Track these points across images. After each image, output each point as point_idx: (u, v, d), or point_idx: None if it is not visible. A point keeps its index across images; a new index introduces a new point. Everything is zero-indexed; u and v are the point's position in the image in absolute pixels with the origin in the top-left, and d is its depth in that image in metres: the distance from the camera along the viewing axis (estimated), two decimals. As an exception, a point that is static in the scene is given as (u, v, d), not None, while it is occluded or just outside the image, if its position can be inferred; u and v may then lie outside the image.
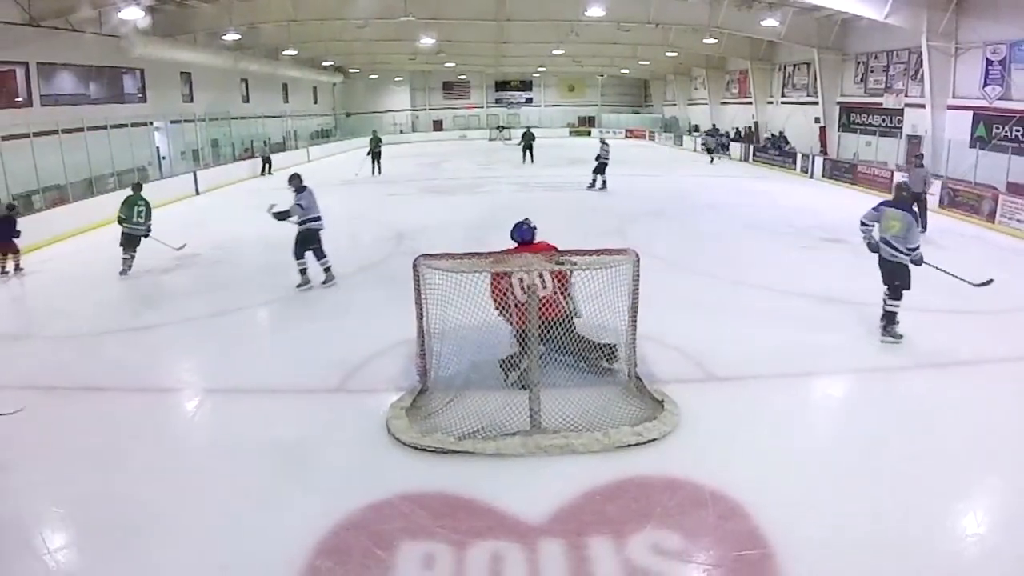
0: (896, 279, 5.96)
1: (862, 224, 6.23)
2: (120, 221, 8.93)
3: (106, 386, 5.45)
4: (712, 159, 23.64)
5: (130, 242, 8.90)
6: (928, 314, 6.95)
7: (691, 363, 5.63)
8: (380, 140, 21.51)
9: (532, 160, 22.76)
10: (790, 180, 19.31)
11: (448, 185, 17.81)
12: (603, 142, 16.88)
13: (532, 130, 25.11)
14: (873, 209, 6.27)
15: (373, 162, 20.81)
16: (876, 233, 6.14)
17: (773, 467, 4.09)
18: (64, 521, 3.73)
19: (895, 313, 6.02)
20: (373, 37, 23.71)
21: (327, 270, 7.99)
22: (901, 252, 5.89)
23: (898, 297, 5.98)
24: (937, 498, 3.80)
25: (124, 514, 3.70)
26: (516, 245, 5.52)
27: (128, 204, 8.93)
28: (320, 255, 7.92)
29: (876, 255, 6.16)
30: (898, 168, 16.21)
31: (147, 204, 9.10)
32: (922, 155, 12.47)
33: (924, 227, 10.60)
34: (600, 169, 16.22)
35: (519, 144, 24.07)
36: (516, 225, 5.61)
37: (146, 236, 9.04)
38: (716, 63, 28.14)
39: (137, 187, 9.42)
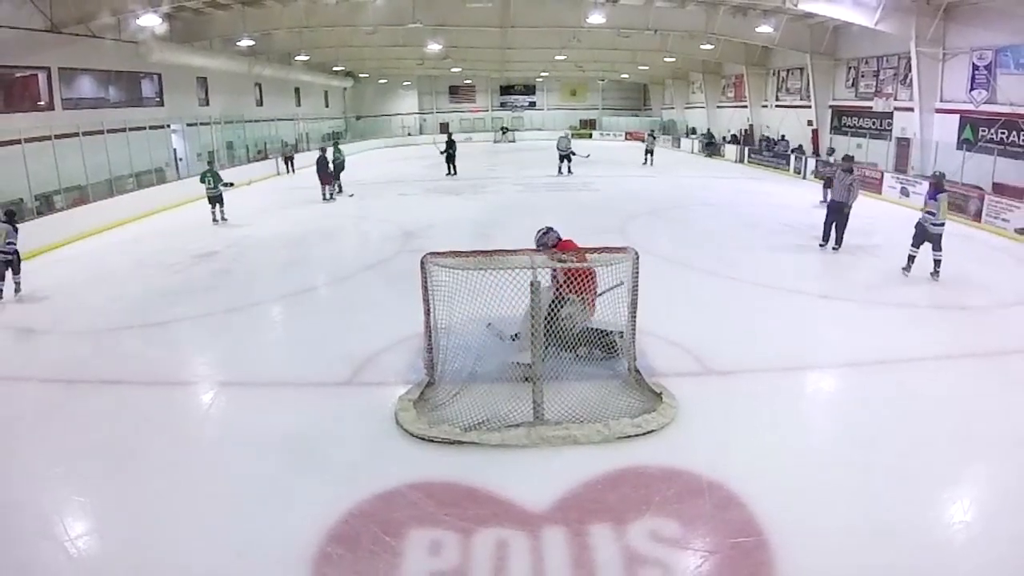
0: (942, 239, 7.99)
1: (930, 213, 7.97)
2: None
3: (124, 379, 5.59)
4: (646, 160, 23.36)
5: (213, 200, 13.02)
6: (918, 310, 7.11)
7: (689, 357, 5.72)
8: (340, 151, 17.72)
9: (455, 172, 19.79)
10: (784, 181, 19.36)
11: (454, 185, 17.88)
12: (564, 137, 20.13)
13: (453, 137, 21.48)
14: (932, 199, 8.06)
15: (334, 179, 16.12)
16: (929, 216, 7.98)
17: (768, 458, 4.18)
18: (84, 510, 3.85)
19: (940, 261, 8.00)
20: (382, 43, 23.87)
21: None
22: (941, 223, 7.95)
23: (941, 249, 8.01)
24: (928, 488, 3.89)
25: (142, 503, 3.83)
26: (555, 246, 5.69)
27: (203, 176, 13.11)
28: None
29: (918, 229, 8.09)
30: (831, 172, 16.07)
31: (215, 174, 13.08)
32: (851, 158, 10.29)
33: (839, 243, 9.49)
34: (561, 159, 19.54)
35: (441, 153, 20.16)
36: (546, 233, 5.78)
37: (226, 187, 13.22)
38: (713, 68, 28.24)
39: (210, 163, 13.80)
